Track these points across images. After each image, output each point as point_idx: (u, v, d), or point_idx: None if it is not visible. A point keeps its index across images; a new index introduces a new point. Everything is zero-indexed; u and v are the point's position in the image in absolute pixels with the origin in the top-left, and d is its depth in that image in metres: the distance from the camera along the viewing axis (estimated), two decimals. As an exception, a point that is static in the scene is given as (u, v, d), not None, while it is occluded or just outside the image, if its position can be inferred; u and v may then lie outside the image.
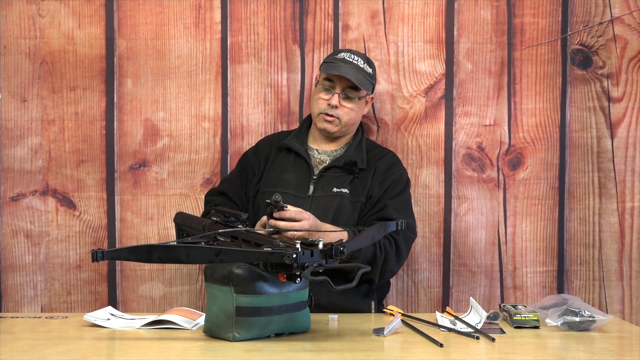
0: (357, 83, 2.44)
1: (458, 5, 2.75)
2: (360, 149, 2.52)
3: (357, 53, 2.53)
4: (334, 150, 2.54)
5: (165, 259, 1.79)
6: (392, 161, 2.53)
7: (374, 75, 2.55)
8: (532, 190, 2.76)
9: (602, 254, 2.76)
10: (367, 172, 2.47)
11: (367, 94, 2.52)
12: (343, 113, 2.48)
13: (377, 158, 2.51)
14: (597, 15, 2.74)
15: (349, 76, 2.43)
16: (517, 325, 2.08)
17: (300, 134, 2.57)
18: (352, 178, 2.45)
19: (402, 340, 1.94)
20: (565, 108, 2.76)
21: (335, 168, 2.47)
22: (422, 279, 2.77)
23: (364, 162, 2.48)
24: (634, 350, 1.89)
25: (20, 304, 2.75)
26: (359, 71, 2.47)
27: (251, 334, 1.87)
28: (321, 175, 2.46)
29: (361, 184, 2.45)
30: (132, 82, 2.75)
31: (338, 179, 2.45)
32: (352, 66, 2.47)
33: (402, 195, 2.48)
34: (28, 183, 2.74)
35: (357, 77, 2.45)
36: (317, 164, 2.51)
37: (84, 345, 1.90)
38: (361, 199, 2.43)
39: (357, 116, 2.52)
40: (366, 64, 2.51)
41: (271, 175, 2.50)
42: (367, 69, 2.50)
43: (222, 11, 2.75)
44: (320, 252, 1.79)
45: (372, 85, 2.54)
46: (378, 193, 2.44)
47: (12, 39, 2.73)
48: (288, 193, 2.42)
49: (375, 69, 2.57)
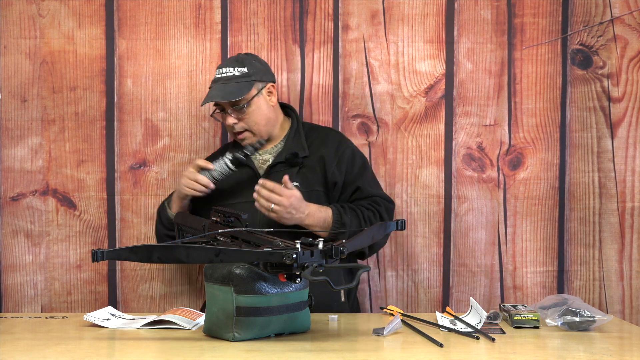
0: (224, 99, 2.40)
1: (458, 5, 2.75)
2: (298, 137, 2.50)
3: (227, 62, 2.47)
4: (274, 147, 2.53)
5: (166, 259, 1.79)
6: (337, 141, 2.52)
7: (251, 72, 2.45)
8: (532, 190, 2.76)
9: (602, 254, 2.76)
10: (312, 159, 2.46)
11: (255, 92, 2.45)
12: (247, 123, 2.45)
13: (319, 141, 2.50)
14: (597, 15, 2.74)
15: (214, 99, 2.41)
16: (517, 325, 2.08)
17: (237, 144, 2.54)
18: (299, 169, 2.44)
19: (402, 340, 1.94)
20: (565, 108, 2.76)
21: (280, 164, 2.46)
22: (422, 279, 2.77)
23: (305, 149, 2.47)
24: (634, 350, 1.89)
25: (21, 303, 2.75)
26: (228, 82, 2.42)
27: (251, 334, 1.87)
28: (268, 174, 2.45)
29: (310, 173, 2.45)
30: (132, 82, 2.76)
31: (285, 173, 2.42)
32: (222, 81, 2.43)
33: (365, 170, 2.51)
34: (28, 183, 2.75)
35: (224, 92, 2.40)
36: (261, 164, 2.50)
37: (84, 345, 1.90)
38: (315, 188, 2.43)
39: (261, 116, 2.46)
40: (238, 67, 2.45)
41: (220, 189, 2.47)
42: (239, 72, 2.44)
43: (222, 11, 2.75)
44: (320, 252, 1.80)
45: (254, 82, 2.45)
46: (341, 177, 2.45)
47: (12, 39, 2.73)
48: (240, 202, 2.42)
49: (252, 62, 2.48)
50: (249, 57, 2.51)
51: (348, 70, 2.76)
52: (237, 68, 2.45)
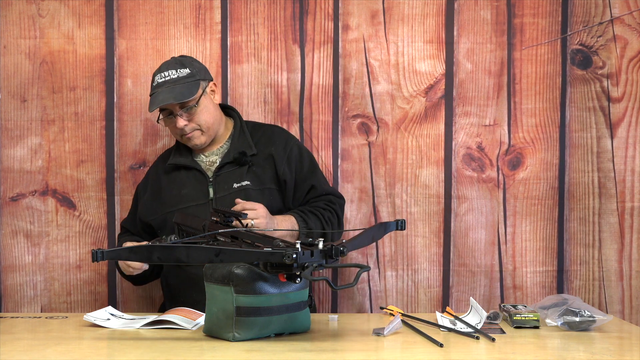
0: (176, 100, 2.38)
1: (458, 5, 2.75)
2: (244, 136, 2.50)
3: (166, 65, 2.44)
4: (219, 148, 2.52)
5: (166, 259, 1.79)
6: (283, 138, 2.52)
7: (194, 72, 2.43)
8: (532, 190, 2.76)
9: (602, 254, 2.76)
10: (260, 157, 2.46)
11: (201, 91, 2.43)
12: (197, 122, 2.43)
13: (265, 139, 2.50)
14: (597, 15, 2.74)
15: (166, 102, 2.37)
16: (517, 325, 2.08)
17: (181, 148, 2.53)
18: (248, 168, 2.44)
19: (402, 340, 1.94)
20: (565, 108, 2.76)
21: (228, 164, 2.45)
22: (422, 279, 2.77)
23: (252, 147, 2.47)
24: (634, 350, 1.89)
25: (20, 304, 2.75)
26: (175, 84, 2.40)
27: (251, 334, 1.87)
28: (217, 175, 2.44)
29: (260, 170, 2.45)
30: (132, 82, 2.76)
31: (235, 174, 2.43)
32: (167, 84, 2.40)
33: (315, 167, 2.53)
34: (28, 183, 2.74)
35: (175, 94, 2.38)
36: (209, 167, 2.49)
37: (84, 345, 1.90)
38: (267, 185, 2.44)
39: (209, 114, 2.45)
40: (179, 69, 2.42)
41: (170, 195, 2.48)
42: (182, 73, 2.42)
43: (222, 11, 2.75)
44: (320, 252, 1.80)
45: (199, 80, 2.43)
46: (292, 175, 2.46)
47: (12, 39, 2.73)
48: (190, 206, 2.42)
49: (192, 62, 2.46)
50: (187, 58, 2.49)
51: (348, 70, 2.76)
52: (180, 69, 2.42)
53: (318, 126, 2.77)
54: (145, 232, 2.55)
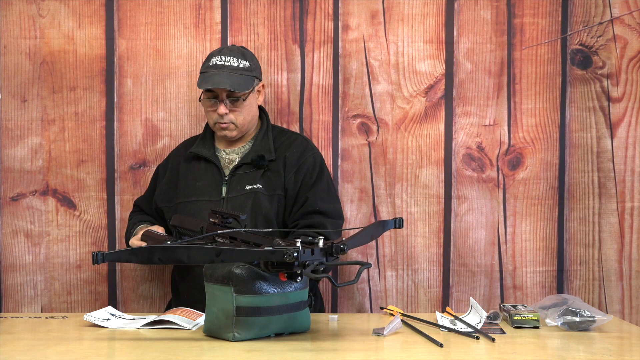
0: (232, 88, 2.39)
1: (458, 5, 2.75)
2: (267, 140, 2.50)
3: (229, 51, 2.46)
4: (241, 147, 2.53)
5: (166, 260, 1.79)
6: (302, 147, 2.51)
7: (253, 67, 2.47)
8: (531, 190, 2.76)
9: (602, 254, 2.76)
10: (278, 162, 2.46)
11: (252, 87, 2.46)
12: (235, 116, 2.45)
13: (286, 146, 2.50)
14: (597, 15, 2.74)
15: (222, 85, 2.39)
16: (517, 325, 2.08)
17: (206, 138, 2.55)
18: (264, 172, 2.45)
19: (402, 340, 1.94)
20: (565, 108, 2.76)
21: (245, 165, 2.46)
22: (422, 279, 2.77)
23: (272, 152, 2.47)
24: (634, 350, 1.89)
25: (20, 304, 2.75)
26: (233, 72, 2.42)
27: (251, 334, 1.87)
28: (233, 175, 2.45)
29: (274, 176, 2.45)
30: (132, 82, 2.76)
31: (249, 175, 2.44)
32: (226, 69, 2.42)
33: (320, 182, 2.48)
34: (28, 183, 2.75)
35: (232, 81, 2.40)
36: (227, 164, 2.50)
37: (84, 345, 1.91)
38: (277, 192, 2.43)
39: (250, 112, 2.48)
40: (241, 59, 2.45)
41: (185, 185, 2.49)
42: (242, 65, 2.44)
43: (222, 11, 2.75)
44: (320, 250, 1.80)
45: (254, 77, 2.47)
46: (294, 185, 2.44)
47: (12, 39, 2.73)
48: (202, 200, 2.43)
49: (253, 57, 2.50)
50: (249, 52, 2.51)
51: (348, 70, 2.76)
52: (241, 60, 2.45)
53: (318, 126, 2.77)
54: (159, 215, 2.56)
